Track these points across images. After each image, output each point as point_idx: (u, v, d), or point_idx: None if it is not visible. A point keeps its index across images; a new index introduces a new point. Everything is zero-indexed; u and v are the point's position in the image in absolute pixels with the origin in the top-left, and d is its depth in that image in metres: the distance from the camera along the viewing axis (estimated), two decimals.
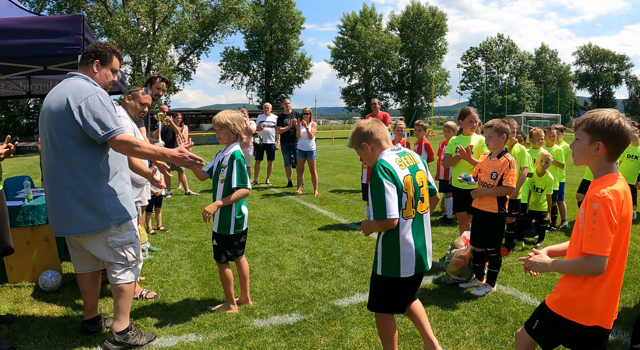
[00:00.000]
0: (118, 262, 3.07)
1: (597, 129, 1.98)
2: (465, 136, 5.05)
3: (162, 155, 3.01)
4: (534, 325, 2.19)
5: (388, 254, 2.61)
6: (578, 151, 2.07)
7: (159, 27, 38.56)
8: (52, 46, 4.06)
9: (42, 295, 4.17)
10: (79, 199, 2.89)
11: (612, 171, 2.02)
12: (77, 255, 3.20)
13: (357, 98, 60.74)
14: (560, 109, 64.01)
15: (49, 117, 2.89)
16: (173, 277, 4.58)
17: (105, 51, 3.10)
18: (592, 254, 1.91)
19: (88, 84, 2.95)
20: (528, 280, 4.53)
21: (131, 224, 3.11)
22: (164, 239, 6.08)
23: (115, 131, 2.85)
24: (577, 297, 2.02)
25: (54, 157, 2.91)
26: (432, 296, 4.13)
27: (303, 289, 4.24)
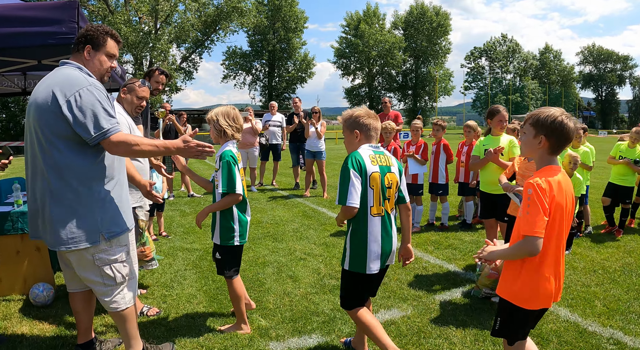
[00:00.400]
0: (105, 283, 2.62)
1: (541, 124, 2.16)
2: (494, 137, 4.64)
3: (165, 150, 2.56)
4: (499, 325, 2.30)
5: (355, 250, 2.72)
6: (524, 144, 2.26)
7: (161, 26, 38.19)
8: (43, 35, 3.67)
9: (33, 310, 3.77)
10: (67, 208, 2.47)
11: (552, 163, 2.20)
12: (68, 272, 2.78)
13: (360, 98, 60.33)
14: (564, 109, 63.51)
15: (34, 112, 2.47)
16: (177, 291, 4.18)
17: (96, 33, 2.64)
18: (527, 235, 2.07)
19: (80, 74, 2.50)
20: (564, 293, 4.15)
21: (124, 239, 2.67)
22: (166, 245, 5.67)
23: (110, 131, 2.42)
24: (524, 285, 2.16)
25: (39, 159, 2.49)
26: (465, 313, 3.74)
27: (321, 304, 3.84)
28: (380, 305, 3.84)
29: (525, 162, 3.89)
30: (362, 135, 2.77)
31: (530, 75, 70.87)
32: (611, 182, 6.55)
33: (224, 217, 3.21)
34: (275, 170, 10.97)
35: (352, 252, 2.73)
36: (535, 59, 73.30)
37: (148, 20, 37.44)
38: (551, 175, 2.14)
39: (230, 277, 3.28)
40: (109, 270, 2.60)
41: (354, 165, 2.65)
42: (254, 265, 4.85)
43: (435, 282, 4.42)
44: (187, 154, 2.58)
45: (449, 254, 5.31)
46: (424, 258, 5.15)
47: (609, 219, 6.52)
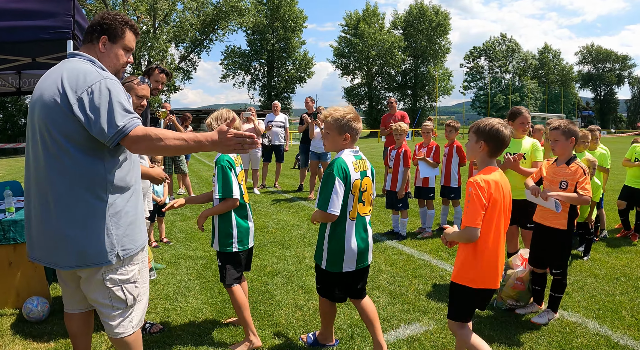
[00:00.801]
0: (115, 306, 2.27)
1: (481, 131, 2.58)
2: (515, 140, 4.38)
3: (197, 145, 2.10)
4: (454, 309, 2.63)
5: (333, 251, 2.82)
6: (469, 148, 2.66)
7: (160, 25, 37.92)
8: (37, 30, 3.40)
9: (27, 326, 3.50)
10: (78, 222, 2.12)
11: (491, 165, 2.61)
12: (68, 290, 2.43)
13: (360, 98, 60.09)
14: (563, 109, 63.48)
15: (40, 110, 2.12)
16: (181, 304, 3.91)
17: (115, 23, 2.31)
18: (467, 225, 2.49)
19: (93, 68, 2.16)
20: (589, 303, 3.93)
21: (137, 256, 2.35)
22: (168, 253, 5.40)
23: (126, 126, 2.04)
24: (464, 263, 2.57)
25: (45, 164, 2.12)
26: (490, 326, 3.50)
27: (338, 319, 3.57)
28: (400, 320, 3.58)
29: (554, 166, 3.63)
30: (350, 138, 2.82)
31: (530, 74, 70.73)
32: (627, 185, 6.34)
33: (222, 222, 3.14)
34: (278, 171, 10.71)
35: (330, 252, 2.83)
36: (534, 59, 73.18)
37: (146, 20, 37.14)
38: (489, 175, 2.53)
39: (230, 285, 3.13)
40: (119, 292, 2.25)
41: (340, 174, 2.72)
42: (262, 275, 4.58)
43: None
44: (224, 147, 2.11)
45: None
46: (440, 266, 4.90)
47: (624, 222, 6.31)
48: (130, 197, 2.27)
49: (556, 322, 3.57)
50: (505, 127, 2.56)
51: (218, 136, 2.09)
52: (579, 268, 4.88)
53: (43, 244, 2.18)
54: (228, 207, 3.09)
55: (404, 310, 3.76)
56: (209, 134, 2.12)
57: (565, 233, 3.53)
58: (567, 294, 4.08)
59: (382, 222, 6.93)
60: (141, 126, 2.09)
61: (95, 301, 2.27)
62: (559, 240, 3.56)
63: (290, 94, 56.03)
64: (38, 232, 2.19)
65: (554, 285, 3.64)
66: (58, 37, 3.43)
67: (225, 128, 2.10)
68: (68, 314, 2.49)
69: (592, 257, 5.27)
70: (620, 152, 17.89)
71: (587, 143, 5.74)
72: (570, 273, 4.64)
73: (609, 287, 4.31)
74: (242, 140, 2.09)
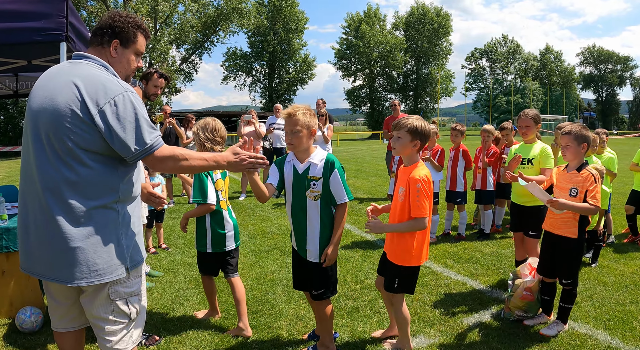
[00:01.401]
0: (117, 320, 2.13)
1: (416, 131, 2.88)
2: (526, 145, 4.26)
3: (216, 164, 2.21)
4: (396, 284, 3.03)
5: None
6: (401, 146, 2.93)
7: (161, 27, 37.87)
8: (30, 32, 3.30)
9: (20, 338, 3.40)
10: (89, 232, 2.00)
11: (418, 160, 2.99)
12: (60, 309, 2.25)
13: (361, 99, 59.96)
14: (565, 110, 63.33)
15: (52, 116, 1.96)
16: (178, 314, 3.79)
17: (127, 27, 2.19)
18: (418, 217, 2.85)
19: (112, 77, 2.06)
20: (599, 313, 3.82)
21: (141, 268, 2.23)
22: (166, 260, 5.28)
23: (154, 146, 2.03)
24: (410, 248, 2.94)
25: (55, 172, 1.97)
26: (497, 338, 3.38)
27: (340, 330, 3.45)
28: None
29: (564, 173, 3.51)
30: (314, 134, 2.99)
31: (531, 76, 70.56)
32: (635, 190, 6.23)
33: (199, 224, 3.43)
34: None
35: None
36: (535, 60, 73.02)
37: (147, 21, 37.08)
38: (424, 170, 2.91)
39: (203, 273, 3.59)
40: (124, 306, 2.13)
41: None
42: (262, 284, 4.46)
43: (461, 302, 4.05)
44: (238, 167, 2.26)
45: (470, 269, 4.93)
46: (445, 274, 4.78)
47: (632, 227, 6.19)
48: (135, 207, 2.20)
49: (566, 333, 3.46)
50: (428, 124, 2.95)
51: (233, 157, 2.22)
52: (587, 276, 4.76)
53: (46, 257, 2.03)
54: (203, 211, 3.34)
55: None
56: (225, 154, 2.23)
57: (576, 242, 3.42)
58: (576, 304, 3.96)
59: None
60: (166, 145, 2.09)
61: (96, 317, 2.12)
62: (570, 249, 3.44)
63: (292, 95, 55.88)
64: (40, 245, 2.03)
65: (563, 295, 3.53)
66: (51, 39, 3.34)
67: (238, 149, 2.24)
68: (59, 333, 2.31)
69: (600, 263, 5.16)
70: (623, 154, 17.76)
71: (595, 147, 5.63)
72: (579, 281, 4.51)
73: (619, 296, 4.20)
74: (254, 161, 2.25)
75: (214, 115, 45.23)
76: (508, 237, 6.23)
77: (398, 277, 3.01)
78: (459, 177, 6.17)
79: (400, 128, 2.90)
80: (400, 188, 2.97)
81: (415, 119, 2.91)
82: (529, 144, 4.23)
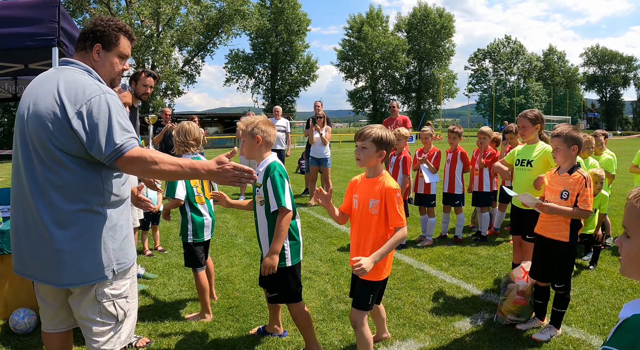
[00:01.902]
0: (105, 321, 2.15)
1: (381, 141, 2.76)
2: (528, 146, 4.24)
3: (192, 172, 2.07)
4: (371, 300, 2.84)
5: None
6: (366, 156, 2.78)
7: (163, 29, 38.02)
8: (22, 37, 3.32)
9: (13, 339, 3.42)
10: (74, 235, 2.02)
11: (383, 171, 2.87)
12: (49, 310, 2.27)
13: (364, 101, 59.97)
14: (569, 111, 63.12)
15: (35, 122, 2.01)
16: (170, 316, 3.80)
17: (108, 30, 2.19)
18: (400, 226, 2.73)
19: (92, 81, 2.08)
20: (594, 317, 3.79)
21: (130, 270, 2.25)
22: (161, 262, 5.30)
23: (123, 146, 1.98)
24: (385, 261, 2.80)
25: (40, 176, 2.02)
26: (489, 343, 3.36)
27: (330, 335, 3.45)
28: (395, 336, 3.45)
29: (555, 175, 3.50)
30: (264, 141, 3.02)
31: (535, 76, 70.40)
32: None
33: (182, 216, 3.74)
34: None
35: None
36: (539, 61, 72.87)
37: (150, 24, 37.23)
38: (392, 180, 2.83)
39: (194, 269, 3.75)
40: (111, 308, 2.15)
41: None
42: (255, 286, 4.46)
43: (454, 305, 4.04)
44: (221, 179, 2.09)
45: (465, 272, 4.92)
46: (439, 277, 4.77)
47: None
48: (124, 210, 2.20)
49: (559, 338, 3.43)
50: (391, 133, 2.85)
51: (216, 166, 2.07)
52: (584, 279, 4.73)
53: (37, 259, 2.08)
54: (174, 205, 3.66)
55: (399, 325, 3.63)
56: (207, 162, 2.09)
57: (567, 245, 3.39)
58: (571, 308, 3.93)
59: None
60: (138, 147, 2.01)
61: (84, 317, 2.15)
62: (561, 253, 3.41)
63: (294, 97, 55.96)
64: (30, 247, 2.08)
65: (556, 300, 3.50)
66: (43, 44, 3.36)
67: (224, 159, 2.08)
68: (47, 333, 2.34)
69: (597, 266, 5.12)
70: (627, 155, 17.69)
71: (591, 149, 5.60)
72: (575, 284, 4.50)
73: (615, 300, 4.16)
74: (240, 173, 2.08)
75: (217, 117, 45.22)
76: (506, 240, 6.21)
77: (373, 293, 2.83)
78: (457, 179, 6.15)
79: (364, 138, 2.75)
80: (372, 200, 2.76)
81: (379, 128, 2.80)
82: (530, 145, 4.20)
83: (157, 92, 38.91)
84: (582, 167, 3.98)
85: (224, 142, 33.57)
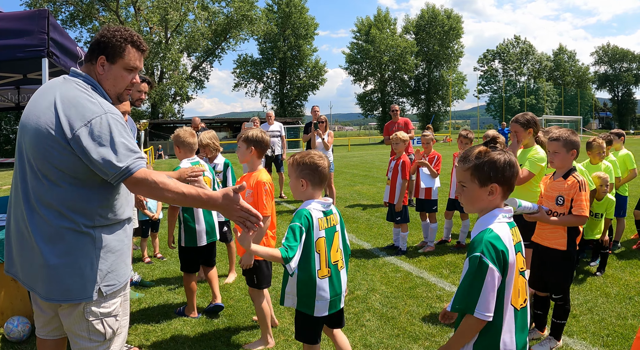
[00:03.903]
0: (92, 338, 2.12)
1: (248, 139, 3.31)
2: (525, 150, 4.13)
3: (200, 201, 2.02)
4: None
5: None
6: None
7: (172, 36, 38.38)
8: (11, 49, 3.35)
9: (7, 346, 3.44)
10: (61, 252, 2.00)
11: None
12: (43, 317, 2.27)
13: (373, 104, 59.84)
14: (580, 110, 62.37)
15: (32, 137, 1.97)
16: (162, 325, 3.78)
17: (113, 41, 2.09)
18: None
19: (91, 98, 2.01)
20: (598, 328, 3.67)
21: (121, 290, 2.20)
22: (159, 269, 5.29)
23: (130, 168, 1.95)
24: None
25: (33, 191, 2.00)
26: None
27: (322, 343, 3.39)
28: (387, 347, 3.38)
29: (551, 181, 3.41)
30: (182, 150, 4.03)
31: (545, 76, 69.73)
32: None
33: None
34: (282, 181, 10.60)
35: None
36: (549, 61, 72.17)
37: (159, 30, 37.60)
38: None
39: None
40: (99, 326, 2.12)
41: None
42: None
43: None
44: (227, 214, 2.04)
45: None
46: (439, 284, 4.68)
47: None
48: (119, 231, 2.14)
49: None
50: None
51: (223, 201, 2.00)
52: (590, 286, 4.59)
53: (26, 268, 2.08)
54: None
55: (393, 335, 3.56)
56: (214, 195, 2.01)
57: (565, 254, 3.29)
58: (574, 317, 3.82)
59: (383, 235, 6.73)
60: (143, 169, 1.97)
61: (72, 332, 2.14)
62: (559, 262, 3.30)
63: (303, 101, 56.03)
64: (21, 255, 2.08)
65: (555, 311, 3.39)
66: (33, 55, 3.37)
67: (231, 196, 1.99)
68: (42, 340, 2.34)
69: (604, 272, 4.98)
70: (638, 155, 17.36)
71: (602, 153, 5.46)
72: (580, 292, 4.39)
73: (621, 309, 4.03)
74: (246, 215, 2.01)
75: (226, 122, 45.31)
76: None
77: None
78: None
79: (238, 139, 3.34)
80: (248, 191, 3.25)
81: (256, 130, 3.35)
82: (526, 149, 4.11)
83: (166, 97, 39.24)
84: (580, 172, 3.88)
85: (233, 147, 33.71)
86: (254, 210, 2.02)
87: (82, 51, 4.22)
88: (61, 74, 2.86)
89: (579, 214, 3.18)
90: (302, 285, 2.49)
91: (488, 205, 1.92)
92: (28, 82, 5.62)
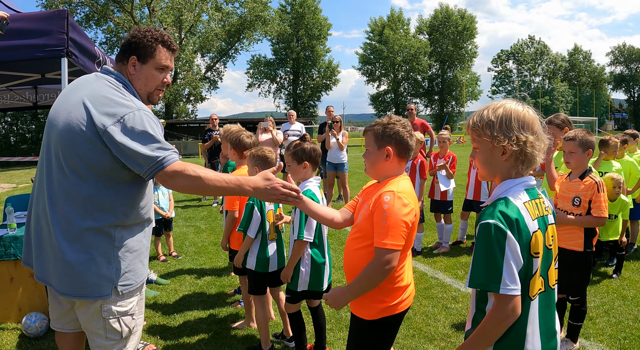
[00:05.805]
0: (109, 337, 2.12)
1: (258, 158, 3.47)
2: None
3: (239, 188, 2.02)
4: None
5: None
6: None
7: (186, 36, 38.66)
8: (31, 49, 3.40)
9: (25, 342, 3.51)
10: (81, 248, 1.99)
11: None
12: (59, 310, 2.26)
13: (386, 104, 59.65)
14: (595, 111, 61.48)
15: (61, 133, 1.98)
16: (179, 322, 3.81)
17: (144, 41, 2.11)
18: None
19: (122, 96, 2.03)
20: (614, 330, 3.63)
21: (137, 289, 2.20)
22: (174, 267, 5.33)
23: (165, 159, 1.94)
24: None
25: (58, 187, 2.00)
26: None
27: (336, 344, 3.40)
28: (402, 346, 3.37)
29: (567, 181, 3.37)
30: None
31: (560, 77, 68.85)
32: None
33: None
34: None
35: None
36: (564, 61, 71.24)
37: (173, 31, 37.91)
38: None
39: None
40: (115, 324, 2.12)
41: None
42: None
43: (466, 316, 3.92)
44: (267, 197, 2.05)
45: None
46: (454, 285, 4.65)
47: None
48: (138, 232, 2.15)
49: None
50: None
51: (263, 183, 2.02)
52: (606, 288, 4.53)
53: (43, 262, 2.10)
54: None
55: (409, 336, 3.55)
56: (253, 179, 2.03)
57: (582, 255, 3.24)
58: (590, 320, 3.78)
59: None
60: (180, 161, 1.97)
61: (89, 329, 2.14)
62: (575, 263, 3.25)
63: (317, 101, 56.05)
64: (39, 249, 2.10)
65: (572, 313, 3.35)
66: (52, 55, 3.42)
67: (271, 175, 2.03)
68: (61, 334, 2.33)
69: (621, 275, 4.92)
70: None
71: (616, 153, 5.39)
72: (596, 294, 4.34)
73: (638, 312, 3.98)
74: (288, 192, 2.03)
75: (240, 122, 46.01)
76: None
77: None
78: (483, 186, 5.96)
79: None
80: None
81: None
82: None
83: (180, 98, 39.56)
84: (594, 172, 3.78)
85: None
86: (293, 184, 2.05)
87: (100, 51, 4.27)
88: (80, 73, 2.91)
89: (599, 215, 3.14)
90: None
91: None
92: (46, 81, 5.70)
